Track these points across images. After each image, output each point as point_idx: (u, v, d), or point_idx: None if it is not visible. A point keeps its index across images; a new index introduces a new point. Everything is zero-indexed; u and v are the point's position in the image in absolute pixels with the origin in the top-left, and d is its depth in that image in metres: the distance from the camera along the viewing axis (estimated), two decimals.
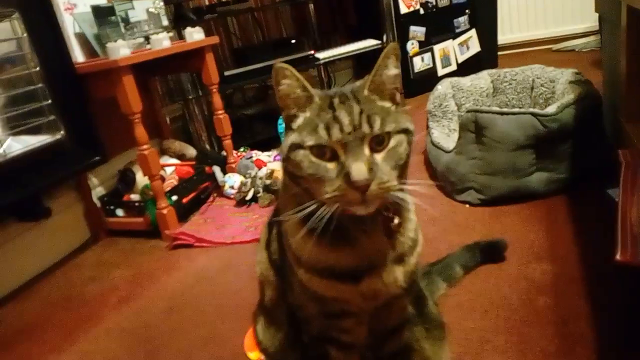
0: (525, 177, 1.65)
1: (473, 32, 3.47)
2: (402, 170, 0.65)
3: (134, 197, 2.10)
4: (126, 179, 2.13)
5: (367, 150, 0.61)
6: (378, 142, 0.62)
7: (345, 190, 0.60)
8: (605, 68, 1.93)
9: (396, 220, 0.69)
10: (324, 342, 0.81)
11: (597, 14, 2.30)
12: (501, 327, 1.14)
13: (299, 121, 0.66)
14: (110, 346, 1.39)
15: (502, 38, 3.77)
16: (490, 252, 1.37)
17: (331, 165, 0.61)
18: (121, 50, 1.76)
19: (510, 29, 3.91)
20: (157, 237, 1.98)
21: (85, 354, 1.38)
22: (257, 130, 3.25)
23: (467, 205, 1.72)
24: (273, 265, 0.85)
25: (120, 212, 2.10)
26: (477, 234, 1.53)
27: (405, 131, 0.65)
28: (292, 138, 0.65)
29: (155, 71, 2.31)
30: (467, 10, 3.40)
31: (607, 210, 1.46)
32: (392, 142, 0.63)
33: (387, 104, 0.67)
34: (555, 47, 3.80)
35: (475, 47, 3.50)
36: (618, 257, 0.87)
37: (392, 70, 0.66)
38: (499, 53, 3.68)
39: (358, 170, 0.59)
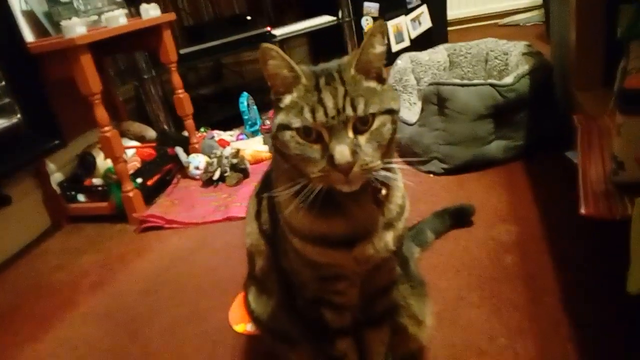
0: (485, 145, 1.74)
1: (424, 8, 3.54)
2: (386, 149, 0.67)
3: (96, 181, 2.05)
4: (86, 163, 2.07)
5: (350, 133, 0.63)
6: (362, 123, 0.64)
7: (329, 171, 0.62)
8: (553, 40, 2.04)
9: (384, 191, 0.72)
10: (318, 305, 0.84)
11: None
12: (474, 285, 1.22)
13: (286, 101, 0.67)
14: (89, 331, 1.37)
15: (450, 14, 3.86)
16: (458, 217, 1.45)
17: (316, 147, 0.64)
18: (77, 28, 1.69)
19: (457, 5, 4.01)
20: (123, 221, 1.95)
21: (63, 340, 1.36)
22: (214, 110, 3.21)
23: (432, 175, 1.79)
24: (264, 235, 0.88)
25: (81, 197, 2.04)
26: (444, 201, 1.60)
27: (390, 111, 0.66)
28: (280, 118, 0.66)
29: (110, 50, 2.23)
30: None
31: (563, 173, 1.58)
32: (376, 123, 0.64)
33: (373, 84, 0.68)
34: (500, 22, 3.94)
35: (426, 23, 3.58)
36: (583, 211, 0.95)
37: (379, 48, 0.67)
38: (448, 29, 3.77)
39: (341, 153, 0.61)
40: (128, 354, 1.24)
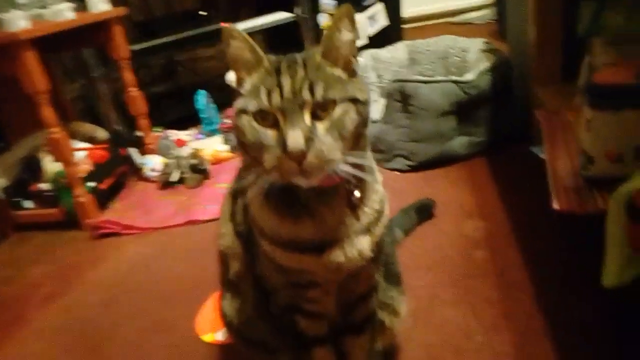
0: (448, 141, 1.75)
1: (380, 6, 3.54)
2: (352, 142, 0.62)
3: (44, 186, 1.91)
4: (31, 167, 1.93)
5: (307, 119, 0.59)
6: (321, 110, 0.60)
7: (282, 160, 0.58)
8: (510, 37, 2.07)
9: (357, 194, 0.69)
10: (292, 312, 0.81)
11: None
12: (446, 282, 1.22)
13: (247, 86, 0.64)
14: (43, 347, 1.28)
15: (404, 12, 3.89)
16: (423, 211, 1.46)
17: (271, 133, 0.60)
18: (19, 22, 1.57)
19: (411, 3, 4.05)
20: (75, 228, 1.83)
21: (14, 358, 1.25)
22: (168, 109, 3.09)
23: (397, 173, 1.79)
24: (239, 237, 0.83)
25: (28, 203, 1.90)
26: (411, 198, 1.59)
27: (354, 100, 0.62)
28: (239, 103, 0.63)
29: (56, 46, 2.09)
30: None
31: (526, 168, 1.61)
32: (338, 111, 0.60)
33: (339, 72, 0.64)
34: (453, 19, 4.02)
35: (383, 20, 3.58)
36: (555, 205, 0.96)
37: (346, 35, 0.64)
38: (403, 27, 3.80)
39: (293, 139, 0.57)
40: None
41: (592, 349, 0.96)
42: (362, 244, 0.71)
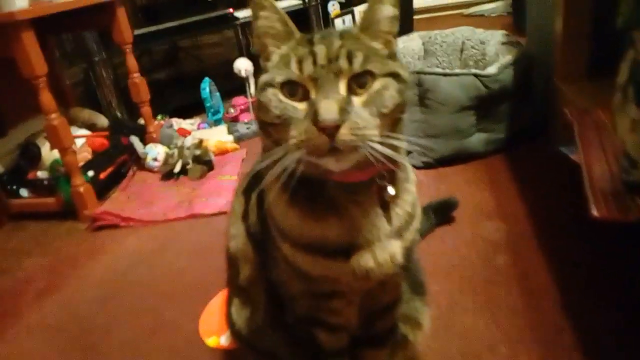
0: (466, 138, 1.67)
1: None
2: (389, 123, 0.55)
3: (41, 174, 1.84)
4: (29, 154, 1.85)
5: (342, 89, 0.53)
6: (359, 84, 0.53)
7: (312, 133, 0.50)
8: (530, 30, 1.99)
9: (391, 191, 0.61)
10: (311, 324, 0.74)
11: None
12: (467, 288, 1.14)
13: (274, 58, 0.58)
14: (35, 346, 1.20)
15: (416, 2, 3.80)
16: (443, 212, 1.37)
17: (301, 106, 0.53)
18: (17, 1, 1.48)
19: None
20: (73, 218, 1.76)
21: (4, 358, 1.18)
22: (171, 97, 3.01)
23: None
24: (252, 239, 0.75)
25: (25, 192, 1.82)
26: (425, 196, 1.51)
27: (395, 75, 0.55)
28: (264, 77, 0.57)
29: (57, 28, 2.01)
30: None
31: (549, 167, 1.53)
32: (377, 85, 0.54)
33: (379, 46, 0.58)
34: (465, 11, 3.92)
35: None
36: (595, 213, 0.88)
37: (388, 9, 0.57)
38: (414, 17, 3.71)
39: (327, 108, 0.49)
40: None
41: None
42: (394, 249, 0.63)
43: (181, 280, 1.35)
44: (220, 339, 1.10)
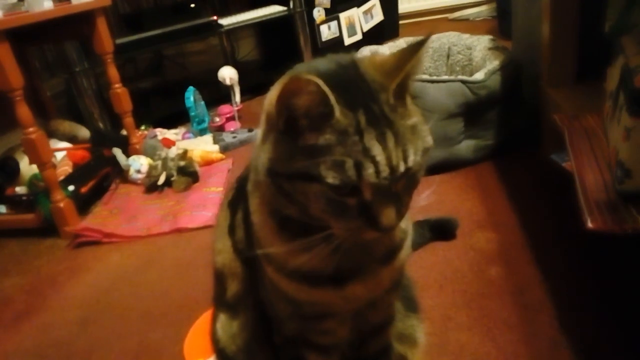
0: (454, 145, 1.65)
1: (376, 0, 3.44)
2: None
3: (20, 189, 1.78)
4: (7, 169, 1.79)
5: (403, 187, 0.50)
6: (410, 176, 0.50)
7: (366, 231, 0.50)
8: (516, 34, 1.98)
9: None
10: (300, 345, 0.70)
11: None
12: (460, 302, 1.11)
13: (311, 142, 0.48)
14: None
15: (401, 7, 3.80)
16: (440, 230, 1.33)
17: (352, 201, 0.48)
18: None
19: None
20: (53, 235, 1.70)
21: None
22: (155, 106, 2.96)
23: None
24: (239, 255, 0.72)
25: (3, 208, 1.76)
26: (414, 205, 1.49)
27: (428, 150, 0.52)
28: (301, 165, 0.48)
29: (34, 39, 1.95)
30: None
31: (537, 175, 1.52)
32: (417, 171, 0.51)
33: (413, 118, 0.51)
34: (450, 16, 3.92)
35: (379, 16, 3.48)
36: (589, 225, 0.85)
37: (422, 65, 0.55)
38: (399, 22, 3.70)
39: (388, 216, 0.49)
40: None
41: None
42: (386, 273, 0.61)
43: (165, 299, 1.30)
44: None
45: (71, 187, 1.76)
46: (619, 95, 0.92)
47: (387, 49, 2.12)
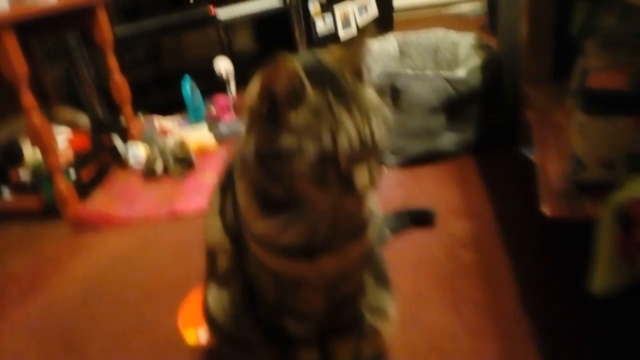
0: (436, 138, 1.74)
1: None
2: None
3: (23, 174, 1.86)
4: (11, 154, 1.87)
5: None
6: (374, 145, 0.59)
7: (343, 197, 0.58)
8: (501, 33, 2.06)
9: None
10: (280, 312, 0.80)
11: None
12: (433, 283, 1.21)
13: (292, 120, 0.57)
14: (18, 346, 1.24)
15: (395, 2, 3.85)
16: (418, 220, 1.42)
17: (330, 170, 0.57)
18: None
19: None
20: (56, 218, 1.79)
21: None
22: (152, 95, 3.03)
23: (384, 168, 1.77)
24: (228, 233, 0.81)
25: (6, 192, 1.85)
26: (398, 195, 1.59)
27: (388, 121, 0.60)
28: (285, 141, 0.57)
29: (38, 30, 2.02)
30: None
31: (514, 168, 1.60)
32: (380, 141, 0.59)
33: (371, 95, 0.61)
34: (444, 11, 3.99)
35: (373, 10, 3.55)
36: (545, 210, 0.95)
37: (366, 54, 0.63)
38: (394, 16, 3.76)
39: (362, 180, 0.57)
40: None
41: (579, 356, 0.96)
42: (354, 247, 0.70)
43: (162, 278, 1.39)
44: (199, 333, 1.15)
45: (72, 172, 1.85)
46: (577, 94, 1.01)
47: (377, 44, 2.20)
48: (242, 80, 2.65)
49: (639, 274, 0.78)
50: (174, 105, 2.62)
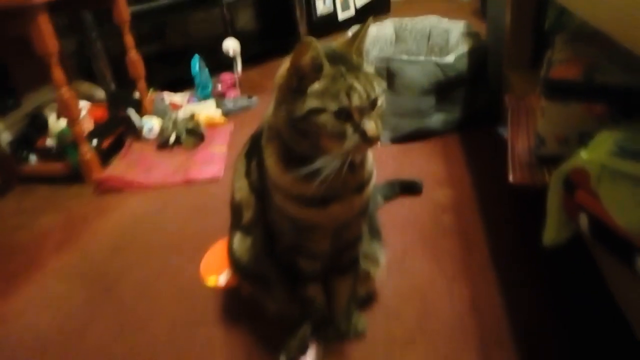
0: (426, 118, 1.93)
1: None
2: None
3: (50, 142, 2.04)
4: (37, 124, 2.04)
5: (374, 113, 0.78)
6: (374, 103, 0.79)
7: (360, 144, 0.77)
8: (489, 20, 2.23)
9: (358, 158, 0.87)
10: (294, 252, 0.99)
11: None
12: (417, 240, 1.42)
13: (315, 88, 0.76)
14: (62, 287, 1.43)
15: None
16: (406, 189, 1.63)
17: (348, 125, 0.76)
18: None
19: None
20: (80, 182, 1.97)
21: (36, 297, 1.40)
22: (160, 71, 3.17)
23: (379, 144, 1.96)
24: (254, 192, 1.01)
25: (34, 158, 2.02)
26: (391, 167, 1.79)
27: (384, 91, 0.81)
28: (311, 104, 0.75)
29: (61, 8, 2.16)
30: None
31: (493, 145, 1.80)
32: (380, 101, 0.79)
33: (369, 68, 0.81)
34: None
35: None
36: (511, 179, 1.15)
37: (366, 40, 0.83)
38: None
39: (372, 129, 0.76)
40: (104, 309, 1.31)
41: (532, 300, 1.17)
42: (357, 200, 0.90)
43: (182, 233, 1.59)
44: (219, 278, 1.35)
45: (94, 141, 2.02)
46: (542, 82, 1.20)
47: (374, 29, 2.37)
48: (244, 58, 2.81)
49: (578, 228, 0.99)
50: (180, 81, 2.77)
